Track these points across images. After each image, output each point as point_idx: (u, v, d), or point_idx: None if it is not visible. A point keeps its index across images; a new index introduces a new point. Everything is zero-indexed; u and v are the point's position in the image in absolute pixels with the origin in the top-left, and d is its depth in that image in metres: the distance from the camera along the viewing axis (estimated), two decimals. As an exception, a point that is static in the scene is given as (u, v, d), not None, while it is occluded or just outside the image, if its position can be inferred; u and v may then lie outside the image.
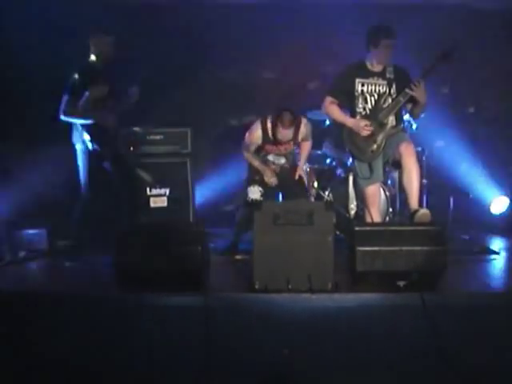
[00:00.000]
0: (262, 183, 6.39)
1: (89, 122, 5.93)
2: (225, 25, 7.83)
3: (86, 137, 5.96)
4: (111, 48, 6.09)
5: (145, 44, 7.54)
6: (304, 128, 6.44)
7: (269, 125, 6.36)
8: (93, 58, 6.07)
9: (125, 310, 4.52)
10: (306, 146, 6.67)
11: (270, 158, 6.56)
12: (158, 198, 7.04)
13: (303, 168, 6.76)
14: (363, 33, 5.84)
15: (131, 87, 6.21)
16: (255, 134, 6.44)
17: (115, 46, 6.11)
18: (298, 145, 6.61)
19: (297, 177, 6.54)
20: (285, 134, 6.29)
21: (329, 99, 6.01)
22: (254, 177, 6.45)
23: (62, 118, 5.94)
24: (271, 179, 6.40)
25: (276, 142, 6.41)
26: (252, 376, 4.36)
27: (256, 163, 6.47)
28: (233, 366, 4.39)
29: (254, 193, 6.31)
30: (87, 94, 5.87)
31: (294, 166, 6.62)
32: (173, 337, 4.44)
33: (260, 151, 6.56)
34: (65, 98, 5.91)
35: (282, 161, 6.58)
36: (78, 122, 5.97)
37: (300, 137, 6.47)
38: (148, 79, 6.68)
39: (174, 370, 4.41)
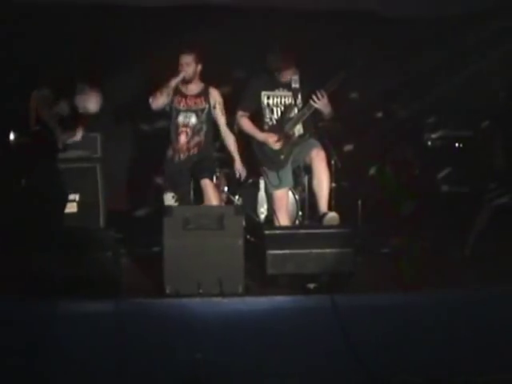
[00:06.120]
0: (172, 188, 6.28)
1: None
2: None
3: None
4: None
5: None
6: (215, 92, 6.31)
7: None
8: None
9: (36, 316, 4.42)
10: (231, 141, 6.41)
11: (181, 118, 6.28)
12: (68, 204, 6.92)
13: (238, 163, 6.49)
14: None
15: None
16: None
17: None
18: (211, 109, 6.31)
19: (237, 174, 6.47)
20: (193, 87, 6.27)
21: (240, 113, 6.24)
22: (166, 183, 6.32)
23: None
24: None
25: (185, 94, 6.28)
26: (166, 381, 4.35)
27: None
28: (146, 372, 4.36)
29: (169, 200, 6.21)
30: None
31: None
32: (84, 343, 4.38)
33: (172, 111, 6.32)
34: None
35: (193, 120, 6.27)
36: None
37: (212, 101, 6.28)
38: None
39: (86, 375, 4.34)
